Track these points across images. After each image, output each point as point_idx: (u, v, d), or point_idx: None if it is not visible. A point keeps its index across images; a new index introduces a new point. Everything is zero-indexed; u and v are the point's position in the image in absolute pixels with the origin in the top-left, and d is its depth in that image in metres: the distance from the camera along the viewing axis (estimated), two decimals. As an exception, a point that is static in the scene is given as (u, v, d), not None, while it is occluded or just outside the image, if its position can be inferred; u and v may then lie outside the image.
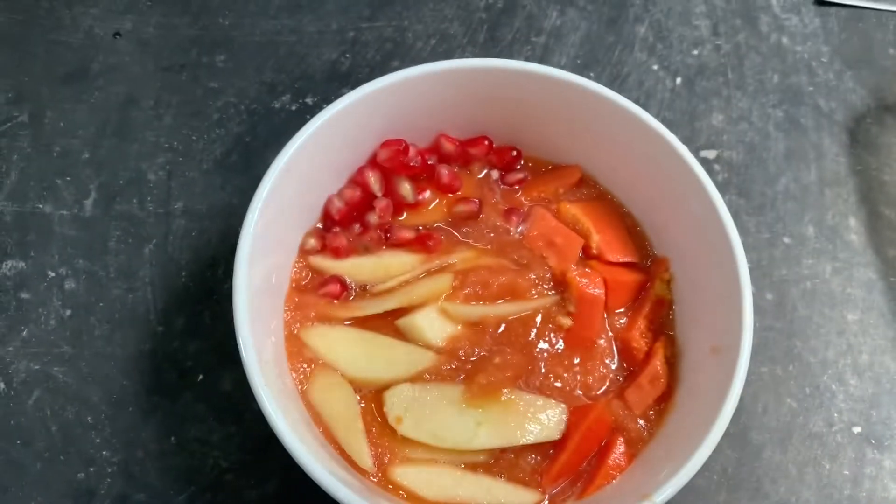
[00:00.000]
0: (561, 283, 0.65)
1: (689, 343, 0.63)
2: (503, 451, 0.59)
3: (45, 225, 0.74)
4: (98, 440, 0.65)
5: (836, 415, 0.70)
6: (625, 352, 0.64)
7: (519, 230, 0.68)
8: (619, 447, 0.59)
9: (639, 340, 0.64)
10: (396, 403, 0.58)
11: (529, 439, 0.58)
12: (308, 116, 0.79)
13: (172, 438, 0.66)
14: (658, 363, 0.62)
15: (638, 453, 0.60)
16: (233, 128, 0.79)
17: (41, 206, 0.75)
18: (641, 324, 0.64)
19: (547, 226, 0.67)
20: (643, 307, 0.65)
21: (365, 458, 0.57)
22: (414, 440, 0.58)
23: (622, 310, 0.66)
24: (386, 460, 0.58)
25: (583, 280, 0.64)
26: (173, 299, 0.71)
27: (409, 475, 0.57)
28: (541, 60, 0.84)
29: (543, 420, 0.59)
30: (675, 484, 0.52)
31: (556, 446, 0.59)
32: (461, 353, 0.61)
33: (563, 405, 0.60)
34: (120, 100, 0.80)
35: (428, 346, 0.62)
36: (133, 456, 0.65)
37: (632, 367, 0.63)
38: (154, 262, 0.72)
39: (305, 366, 0.61)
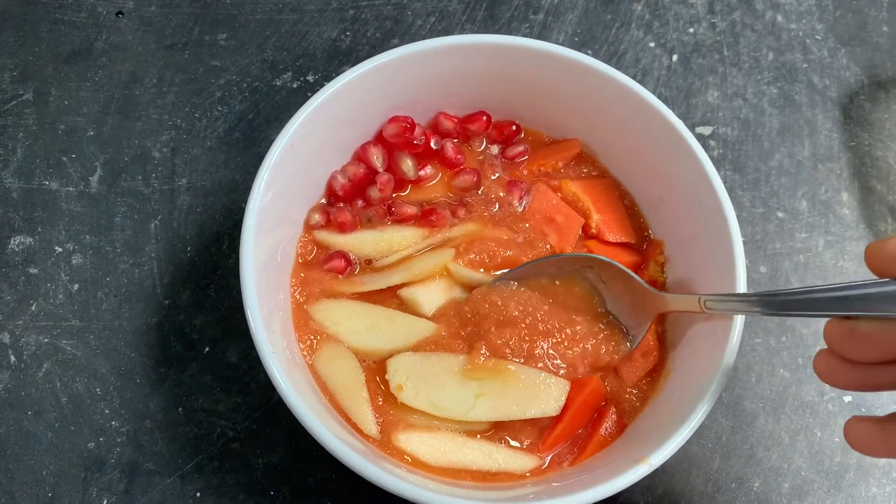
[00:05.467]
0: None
1: (681, 319, 0.64)
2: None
3: (52, 201, 0.75)
4: (107, 411, 0.67)
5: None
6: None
7: (522, 204, 0.69)
8: (611, 417, 0.61)
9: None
10: (398, 371, 0.60)
11: (526, 415, 0.59)
12: (309, 94, 0.80)
13: (180, 409, 0.67)
14: (650, 338, 0.63)
15: (629, 423, 0.62)
16: (235, 105, 0.80)
17: (47, 182, 0.76)
18: (634, 303, 0.66)
19: (548, 203, 0.69)
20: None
21: (369, 424, 0.59)
22: (414, 408, 0.60)
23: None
24: (389, 428, 0.59)
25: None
26: (179, 274, 0.72)
27: (411, 441, 0.59)
28: (539, 38, 0.85)
29: (543, 396, 0.60)
30: (670, 447, 0.53)
31: (553, 417, 0.61)
32: (461, 322, 0.62)
33: (566, 381, 0.60)
34: (123, 78, 0.81)
35: (429, 318, 0.63)
36: (142, 426, 0.66)
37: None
38: (159, 238, 0.74)
39: (312, 337, 0.63)
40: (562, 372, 0.61)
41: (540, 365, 0.61)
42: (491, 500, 0.53)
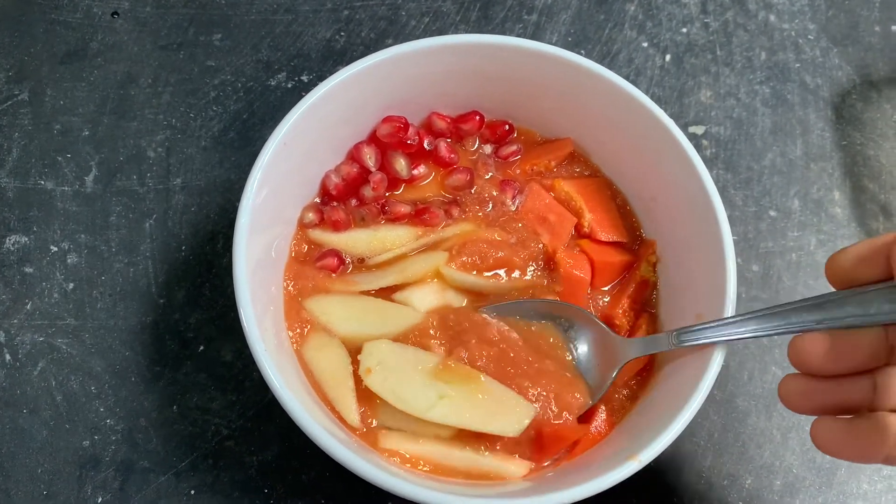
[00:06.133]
0: (551, 261, 0.67)
1: (671, 319, 0.65)
2: None
3: (47, 201, 0.75)
4: (102, 409, 0.67)
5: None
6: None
7: (515, 203, 0.69)
8: (601, 415, 0.61)
9: (621, 318, 0.66)
10: (371, 355, 0.59)
11: (485, 428, 0.58)
12: (303, 94, 0.80)
13: (174, 407, 0.67)
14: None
15: (619, 421, 0.62)
16: (230, 105, 0.81)
17: (43, 182, 0.76)
18: (625, 303, 0.66)
19: (541, 202, 0.69)
20: (628, 287, 0.67)
21: (352, 414, 0.59)
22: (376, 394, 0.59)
23: (607, 288, 0.68)
24: (374, 424, 0.60)
25: (570, 261, 0.66)
26: (174, 272, 0.72)
27: (393, 439, 0.59)
28: (532, 38, 0.85)
29: (506, 414, 0.58)
30: (659, 445, 0.54)
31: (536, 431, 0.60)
32: (447, 324, 0.62)
33: (534, 407, 0.59)
34: (119, 78, 0.81)
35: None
36: (136, 424, 0.67)
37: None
38: (154, 237, 0.74)
39: (302, 326, 0.63)
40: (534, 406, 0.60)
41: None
42: (482, 497, 0.53)
